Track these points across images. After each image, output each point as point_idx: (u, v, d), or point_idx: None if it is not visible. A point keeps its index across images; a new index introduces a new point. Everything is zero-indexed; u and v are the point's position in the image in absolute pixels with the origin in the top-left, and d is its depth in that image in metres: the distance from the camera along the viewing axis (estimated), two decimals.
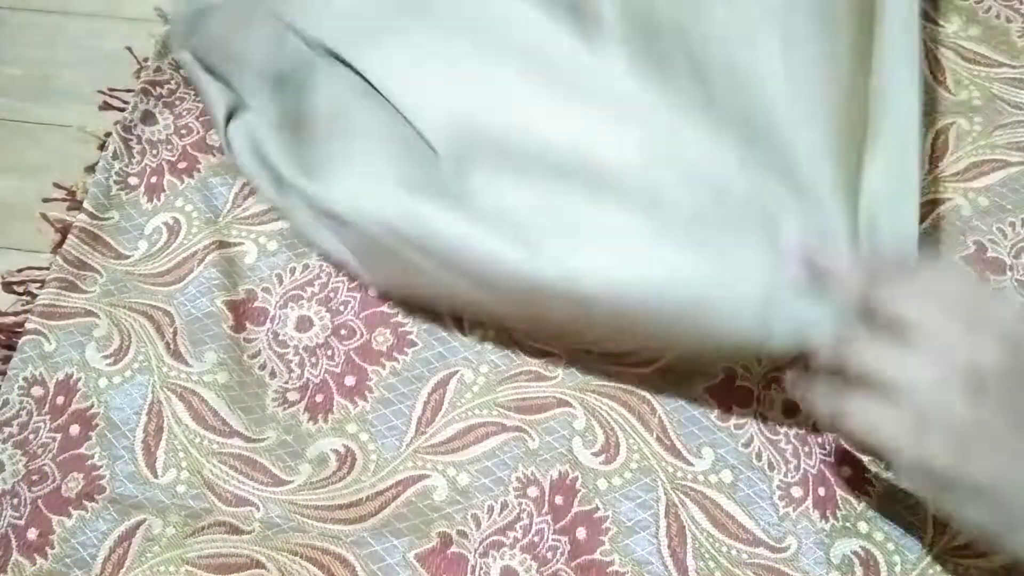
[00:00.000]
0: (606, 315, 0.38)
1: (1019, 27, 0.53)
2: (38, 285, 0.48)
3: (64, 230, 0.50)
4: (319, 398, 0.45)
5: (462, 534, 0.41)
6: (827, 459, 0.42)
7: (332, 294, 0.47)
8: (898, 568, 0.39)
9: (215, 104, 0.49)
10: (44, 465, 0.43)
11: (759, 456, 0.42)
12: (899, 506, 0.41)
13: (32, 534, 0.42)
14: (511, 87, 0.40)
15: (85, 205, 0.50)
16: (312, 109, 0.46)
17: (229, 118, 0.49)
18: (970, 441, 0.30)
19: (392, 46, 0.43)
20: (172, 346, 0.46)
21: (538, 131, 0.39)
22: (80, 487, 0.43)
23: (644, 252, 0.37)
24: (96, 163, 0.52)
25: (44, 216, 0.51)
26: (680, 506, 0.41)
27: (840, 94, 0.39)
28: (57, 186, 0.52)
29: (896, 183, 0.39)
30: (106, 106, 0.54)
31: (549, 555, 0.40)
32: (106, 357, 0.46)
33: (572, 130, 0.39)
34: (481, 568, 0.40)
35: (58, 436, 0.44)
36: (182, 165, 0.51)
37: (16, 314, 0.48)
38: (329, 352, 0.46)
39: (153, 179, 0.51)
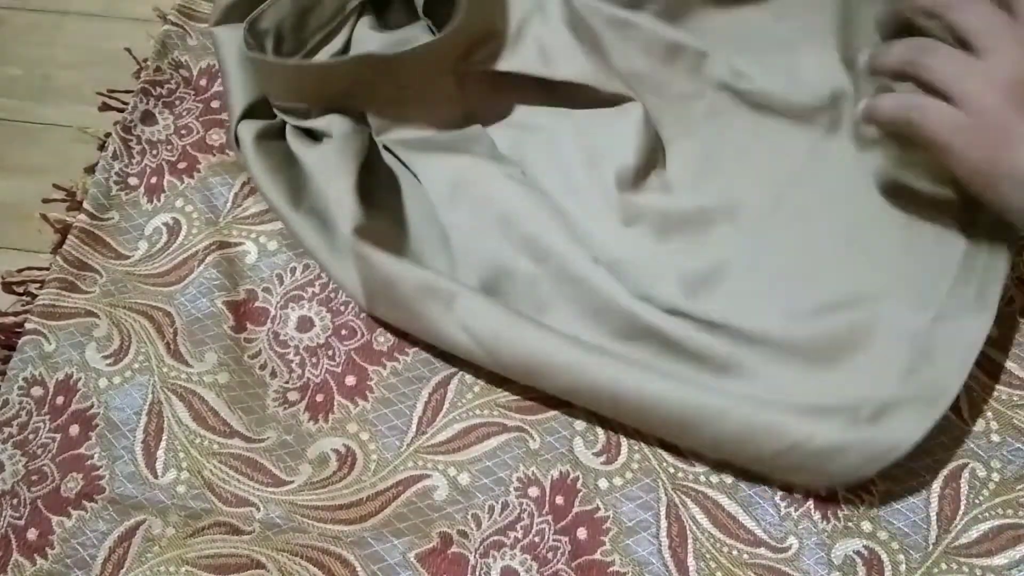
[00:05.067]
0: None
1: None
2: (38, 285, 0.48)
3: (64, 230, 0.49)
4: (320, 398, 0.45)
5: (463, 534, 0.41)
6: None
7: (333, 294, 0.47)
8: (903, 567, 0.39)
9: (234, 95, 0.48)
10: (44, 465, 0.43)
11: None
12: (903, 505, 0.40)
13: (32, 534, 0.42)
14: None
15: (85, 205, 0.50)
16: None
17: (243, 116, 0.48)
18: (1006, 138, 0.37)
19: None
20: (172, 346, 0.46)
21: None
22: (80, 487, 0.43)
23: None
24: (96, 163, 0.52)
25: (44, 216, 0.50)
26: (681, 506, 0.41)
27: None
28: (57, 186, 0.52)
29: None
30: (106, 107, 0.54)
31: (550, 555, 0.40)
32: (106, 357, 0.46)
33: None
34: (481, 568, 0.40)
35: (58, 436, 0.44)
36: (182, 165, 0.51)
37: (16, 314, 0.48)
38: (330, 352, 0.46)
39: (153, 179, 0.51)
